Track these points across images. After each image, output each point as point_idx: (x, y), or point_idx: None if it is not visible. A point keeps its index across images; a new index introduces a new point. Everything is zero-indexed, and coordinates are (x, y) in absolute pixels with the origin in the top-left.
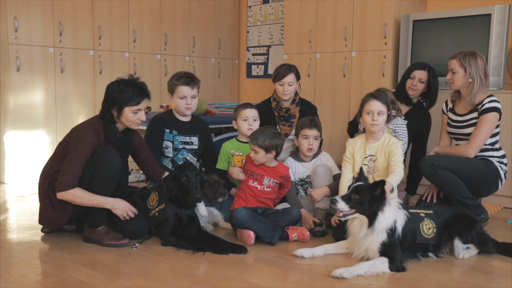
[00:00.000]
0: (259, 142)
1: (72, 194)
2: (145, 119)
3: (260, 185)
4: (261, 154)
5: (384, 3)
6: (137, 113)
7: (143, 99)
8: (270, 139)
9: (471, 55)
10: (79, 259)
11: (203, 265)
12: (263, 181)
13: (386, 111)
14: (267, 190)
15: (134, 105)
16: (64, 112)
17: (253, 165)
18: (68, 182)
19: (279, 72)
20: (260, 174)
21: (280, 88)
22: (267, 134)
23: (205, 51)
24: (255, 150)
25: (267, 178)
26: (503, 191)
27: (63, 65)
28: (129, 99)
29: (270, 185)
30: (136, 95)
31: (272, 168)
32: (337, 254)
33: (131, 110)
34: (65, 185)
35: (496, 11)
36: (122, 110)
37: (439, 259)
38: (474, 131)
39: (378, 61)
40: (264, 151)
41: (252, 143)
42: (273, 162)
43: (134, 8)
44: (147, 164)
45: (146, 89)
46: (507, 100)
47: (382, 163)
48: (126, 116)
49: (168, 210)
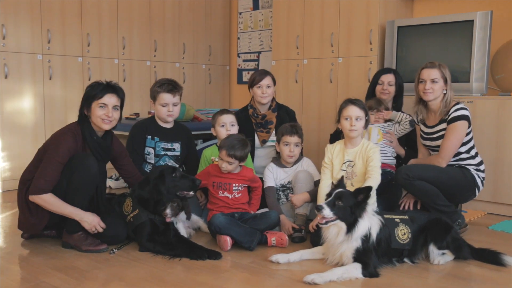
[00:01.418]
0: (237, 154)
1: (43, 199)
2: (114, 117)
3: (230, 193)
4: (235, 164)
5: (370, 9)
6: (103, 107)
7: (107, 93)
8: (243, 149)
9: (444, 65)
10: (55, 264)
11: (178, 270)
12: (232, 189)
13: (364, 116)
14: (238, 196)
15: (99, 98)
16: (53, 119)
17: (218, 177)
18: (41, 187)
19: (255, 77)
20: (228, 183)
21: (258, 91)
22: (239, 144)
23: (196, 58)
24: (229, 161)
25: (236, 185)
26: (487, 196)
27: (51, 72)
28: (94, 93)
29: (239, 191)
30: (100, 89)
31: (238, 174)
32: (313, 259)
33: (97, 104)
34: (38, 189)
35: (478, 17)
36: (90, 106)
37: (414, 265)
38: (443, 141)
39: (364, 66)
40: (238, 161)
41: (229, 155)
42: (237, 169)
43: (123, 14)
44: (127, 171)
45: (114, 85)
46: (490, 105)
47: (360, 169)
48: (94, 111)
49: (142, 215)
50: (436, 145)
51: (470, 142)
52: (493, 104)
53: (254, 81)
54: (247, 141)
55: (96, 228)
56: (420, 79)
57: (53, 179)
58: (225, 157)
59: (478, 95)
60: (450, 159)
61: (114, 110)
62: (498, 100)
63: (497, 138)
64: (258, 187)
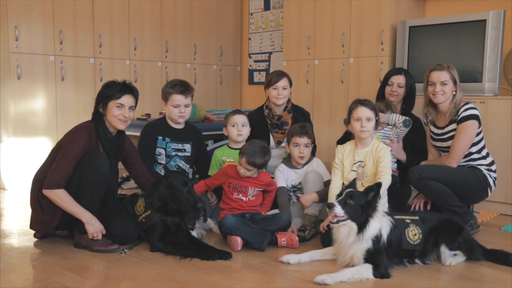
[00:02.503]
0: (256, 162)
1: (57, 194)
2: (130, 116)
3: (245, 196)
4: (254, 171)
5: (381, 9)
6: (120, 107)
7: (125, 93)
8: (264, 157)
9: (452, 66)
10: (67, 264)
11: (188, 271)
12: (247, 192)
13: (374, 117)
14: (252, 199)
15: (117, 98)
16: (65, 120)
17: (235, 178)
18: (55, 181)
19: (272, 78)
20: (244, 186)
21: (274, 92)
22: (260, 152)
23: (207, 58)
24: (248, 169)
25: (252, 189)
26: (500, 197)
27: (63, 73)
28: (112, 93)
29: (254, 194)
30: (118, 90)
31: (255, 178)
32: (323, 260)
33: (115, 104)
34: (52, 184)
35: (491, 17)
36: (107, 105)
37: (425, 265)
38: (453, 141)
39: (375, 67)
40: (257, 169)
41: (249, 162)
42: (256, 173)
43: (134, 15)
44: (137, 172)
45: (130, 86)
46: (503, 105)
47: (371, 169)
48: (111, 111)
49: (154, 216)
50: (447, 146)
51: (481, 142)
52: (506, 104)
53: (271, 82)
54: (269, 149)
55: (98, 234)
56: (430, 82)
57: (67, 174)
58: (244, 164)
59: (490, 95)
60: (460, 159)
61: (130, 110)
62: (510, 100)
63: (510, 138)
64: (273, 190)
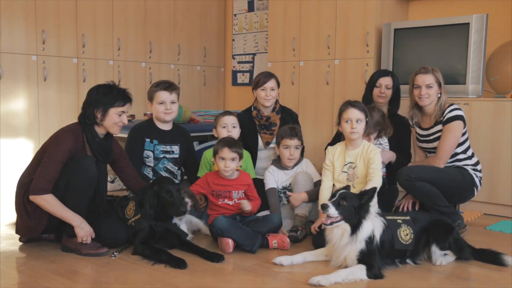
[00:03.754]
0: (237, 149)
1: (45, 199)
2: (127, 122)
3: (231, 200)
4: (237, 160)
5: (366, 11)
6: (121, 115)
7: (128, 101)
8: (240, 145)
9: (437, 69)
10: (56, 268)
11: (181, 273)
12: (232, 196)
13: (364, 118)
14: (238, 202)
15: (120, 106)
16: (47, 121)
17: (216, 185)
18: (42, 187)
19: (260, 79)
20: (228, 191)
21: (262, 94)
22: (234, 140)
23: (191, 59)
24: (233, 157)
25: (236, 192)
26: (483, 197)
27: (46, 73)
28: (115, 100)
29: (240, 197)
30: (121, 97)
31: (236, 179)
32: (316, 261)
33: (116, 111)
34: (39, 189)
35: (474, 20)
36: (107, 112)
37: (416, 265)
38: (439, 142)
39: (360, 69)
40: (239, 157)
41: (232, 150)
42: (235, 173)
43: (118, 15)
44: (126, 174)
45: (129, 94)
46: (486, 107)
47: (362, 170)
48: (111, 117)
49: (143, 221)
50: (433, 147)
51: (466, 143)
52: (489, 106)
53: (259, 83)
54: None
55: (87, 238)
56: (415, 85)
57: (54, 178)
58: (228, 154)
59: (474, 97)
60: (447, 159)
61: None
62: (493, 102)
63: (493, 139)
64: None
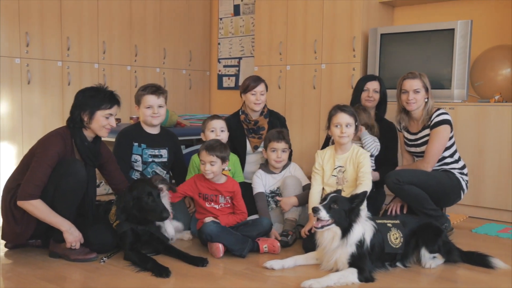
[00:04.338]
0: (216, 152)
1: (33, 205)
2: (115, 125)
3: (217, 204)
4: (218, 164)
5: (353, 17)
6: (108, 118)
7: (115, 104)
8: (223, 149)
9: (424, 74)
10: (44, 275)
11: (172, 278)
12: (218, 200)
13: (353, 122)
14: (225, 207)
15: (107, 109)
16: (31, 124)
17: (204, 187)
18: (30, 192)
19: (250, 83)
20: (215, 195)
21: (252, 98)
22: (217, 144)
23: (176, 63)
24: (212, 161)
25: (222, 197)
26: (468, 200)
27: (30, 76)
28: (101, 103)
29: (226, 202)
30: (108, 99)
31: (223, 185)
32: (307, 265)
33: (103, 114)
34: (27, 195)
35: (459, 26)
36: (94, 114)
37: (406, 268)
38: (427, 146)
39: (347, 73)
40: (221, 160)
41: (210, 154)
42: (222, 178)
43: (103, 18)
44: (114, 178)
45: (117, 96)
46: (471, 111)
47: (351, 174)
48: (98, 120)
49: (123, 225)
50: (421, 151)
51: (453, 146)
52: (474, 110)
53: (249, 87)
54: (227, 145)
55: (76, 243)
56: (403, 90)
57: (43, 183)
58: (206, 157)
59: (459, 102)
60: (435, 163)
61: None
62: (478, 106)
63: (477, 143)
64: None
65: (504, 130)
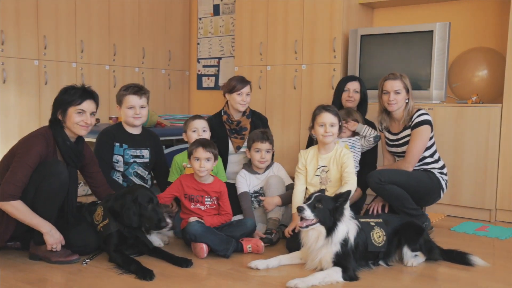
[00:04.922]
0: (212, 149)
1: (14, 206)
2: (92, 122)
3: (203, 205)
4: (212, 161)
5: (333, 18)
6: (81, 113)
7: (86, 99)
8: (215, 146)
9: (405, 75)
10: (25, 277)
11: (157, 280)
12: (204, 201)
13: (337, 122)
14: (211, 208)
15: (77, 104)
16: (7, 125)
17: (190, 188)
18: (11, 193)
19: (236, 84)
20: (201, 195)
21: (238, 98)
22: (210, 141)
23: (155, 63)
24: (208, 157)
25: (208, 198)
26: (446, 199)
27: (5, 75)
28: (72, 99)
29: (212, 203)
30: (78, 95)
31: (209, 185)
32: (291, 265)
33: (75, 110)
34: (7, 195)
35: (437, 28)
36: (66, 112)
37: (389, 267)
38: (408, 146)
39: (327, 73)
40: (214, 157)
41: (206, 150)
42: (209, 178)
43: (81, 17)
44: (96, 180)
45: (90, 90)
46: (449, 112)
47: (335, 174)
48: (71, 117)
49: (111, 226)
50: (402, 151)
51: (433, 147)
52: (452, 111)
53: (235, 88)
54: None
55: (57, 245)
56: (384, 91)
57: (23, 183)
58: (202, 154)
59: (437, 102)
60: (416, 163)
61: (91, 116)
62: (456, 107)
63: (455, 143)
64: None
65: (481, 130)
